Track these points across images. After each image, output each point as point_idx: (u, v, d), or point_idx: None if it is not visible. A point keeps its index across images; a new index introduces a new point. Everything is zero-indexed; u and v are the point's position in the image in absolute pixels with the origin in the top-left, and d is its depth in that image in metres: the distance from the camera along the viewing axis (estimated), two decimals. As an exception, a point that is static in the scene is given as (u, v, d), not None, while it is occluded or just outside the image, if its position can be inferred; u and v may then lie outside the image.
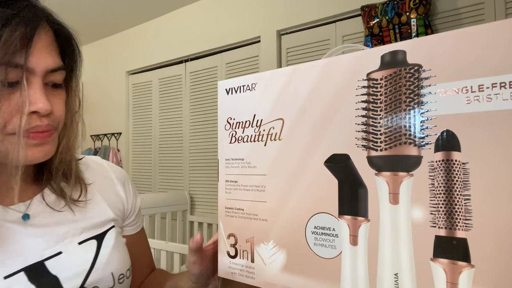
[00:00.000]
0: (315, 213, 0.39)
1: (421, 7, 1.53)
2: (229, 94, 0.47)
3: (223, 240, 0.47)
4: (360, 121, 0.36)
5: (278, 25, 2.11)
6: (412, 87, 0.33)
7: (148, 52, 2.83)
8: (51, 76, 0.45)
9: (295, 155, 0.40)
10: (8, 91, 0.41)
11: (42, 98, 0.42)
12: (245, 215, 0.45)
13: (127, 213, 0.60)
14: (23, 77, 0.41)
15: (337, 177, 0.37)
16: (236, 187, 0.46)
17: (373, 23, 1.64)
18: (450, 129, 0.31)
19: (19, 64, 0.40)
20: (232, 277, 0.46)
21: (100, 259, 0.51)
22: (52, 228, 0.49)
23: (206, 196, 2.46)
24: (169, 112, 2.70)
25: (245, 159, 0.45)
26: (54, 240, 0.48)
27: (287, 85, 0.41)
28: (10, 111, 0.41)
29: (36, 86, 0.42)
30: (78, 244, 0.50)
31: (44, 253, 0.47)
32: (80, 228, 0.51)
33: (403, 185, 0.33)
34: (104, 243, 0.53)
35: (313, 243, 0.39)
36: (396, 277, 0.33)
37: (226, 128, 0.47)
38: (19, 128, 0.41)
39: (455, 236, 0.30)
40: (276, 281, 0.41)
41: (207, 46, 2.45)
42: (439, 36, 0.32)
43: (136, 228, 0.63)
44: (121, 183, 0.61)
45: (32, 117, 0.42)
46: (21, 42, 0.40)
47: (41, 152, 0.45)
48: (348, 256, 0.36)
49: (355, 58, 0.36)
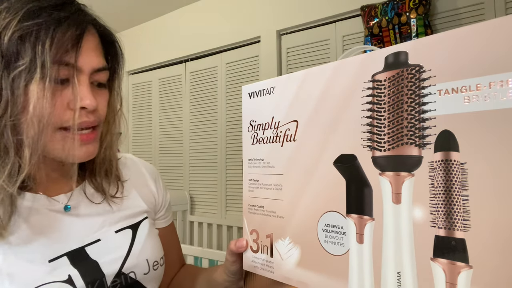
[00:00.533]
0: (326, 211, 0.40)
1: (421, 7, 1.52)
2: (251, 98, 0.50)
3: (247, 235, 0.50)
4: (365, 122, 0.36)
5: (278, 25, 2.10)
6: (413, 88, 0.33)
7: (148, 52, 2.83)
8: (96, 76, 0.49)
9: (308, 155, 0.42)
10: (60, 88, 0.45)
11: (90, 95, 0.46)
12: (265, 212, 0.47)
13: (158, 206, 0.64)
14: (74, 75, 0.45)
15: (345, 176, 0.38)
16: (257, 185, 0.49)
17: (373, 23, 1.64)
18: (449, 129, 0.31)
19: (70, 63, 0.44)
20: (255, 271, 0.49)
21: (135, 246, 0.54)
22: (91, 218, 0.53)
23: (206, 196, 2.45)
24: (169, 112, 2.70)
25: (265, 159, 0.47)
26: (93, 228, 0.52)
27: (300, 88, 0.43)
28: (62, 106, 0.45)
29: (84, 84, 0.46)
30: (115, 232, 0.54)
31: (84, 240, 0.51)
32: (117, 218, 0.55)
33: (405, 185, 0.33)
34: (139, 232, 0.56)
35: (324, 240, 0.40)
36: (399, 275, 0.33)
37: (249, 130, 0.50)
38: (74, 121, 0.45)
39: (454, 236, 0.30)
40: (292, 275, 0.43)
41: (207, 46, 2.44)
42: (439, 36, 0.32)
43: (167, 221, 0.67)
44: (153, 178, 0.65)
45: (81, 112, 0.46)
46: (72, 43, 0.44)
47: (86, 153, 0.49)
48: (355, 254, 0.37)
49: (362, 60, 0.37)
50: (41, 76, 0.42)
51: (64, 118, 0.45)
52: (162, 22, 2.76)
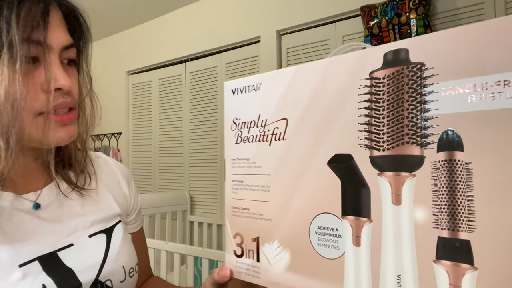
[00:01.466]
0: (319, 213, 0.38)
1: (421, 8, 1.53)
2: (235, 94, 0.47)
3: (229, 240, 0.47)
4: (362, 121, 0.35)
5: (278, 25, 2.10)
6: (414, 86, 0.32)
7: (148, 52, 2.83)
8: (65, 54, 0.45)
9: (298, 155, 0.40)
10: (31, 68, 0.41)
11: (64, 74, 0.43)
12: (250, 214, 0.45)
13: (130, 209, 0.61)
14: (45, 54, 0.42)
15: (340, 177, 0.37)
16: (242, 187, 0.46)
17: (373, 23, 1.64)
18: (453, 129, 0.30)
19: (39, 40, 0.41)
20: (239, 276, 0.46)
21: (111, 252, 0.51)
22: (62, 220, 0.49)
23: (206, 196, 2.45)
24: (169, 112, 2.70)
25: (251, 159, 0.45)
26: (65, 232, 0.48)
27: (290, 85, 0.41)
28: (35, 89, 0.41)
29: (55, 63, 0.43)
30: (89, 237, 0.50)
31: (57, 244, 0.47)
32: (90, 221, 0.51)
33: (406, 185, 0.33)
34: (113, 237, 0.53)
35: (317, 243, 0.39)
36: (399, 278, 0.33)
37: (232, 128, 0.47)
38: (49, 103, 0.41)
39: (458, 237, 0.30)
40: (281, 280, 0.41)
41: (207, 46, 2.44)
42: (442, 34, 0.31)
43: (137, 226, 0.64)
44: (126, 179, 0.61)
45: (56, 94, 0.43)
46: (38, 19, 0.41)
47: (67, 134, 0.45)
48: (351, 257, 0.36)
49: (358, 57, 0.36)
50: (9, 57, 0.38)
51: (39, 102, 0.41)
52: (162, 22, 2.74)
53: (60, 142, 0.45)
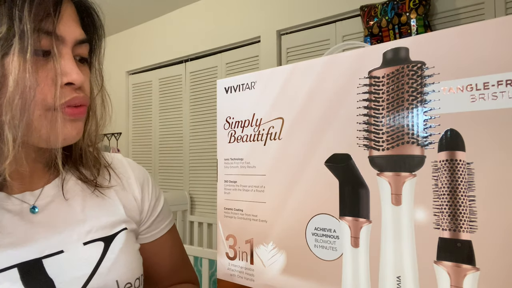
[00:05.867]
0: (316, 214, 0.38)
1: (421, 8, 1.52)
2: (228, 93, 0.46)
3: (222, 241, 0.46)
4: (361, 120, 0.35)
5: (278, 25, 2.10)
6: (415, 85, 0.32)
7: (148, 52, 2.83)
8: (78, 49, 0.44)
9: (295, 155, 0.39)
10: (42, 61, 0.40)
11: (76, 69, 0.41)
12: (244, 216, 0.44)
13: (144, 216, 0.56)
14: (57, 46, 0.40)
15: (338, 177, 0.36)
16: (235, 187, 0.45)
17: (373, 23, 1.63)
18: (454, 128, 0.30)
19: (49, 31, 0.39)
20: (231, 279, 0.45)
21: (105, 263, 0.46)
22: (57, 224, 0.45)
23: (206, 196, 2.45)
24: (169, 112, 2.70)
25: (245, 159, 0.44)
26: (57, 237, 0.44)
27: (287, 83, 0.40)
28: (46, 82, 0.40)
29: (68, 57, 0.42)
30: (83, 244, 0.46)
31: (44, 250, 0.43)
32: (88, 227, 0.47)
33: (406, 185, 0.32)
34: (112, 246, 0.48)
35: (314, 245, 0.38)
36: (399, 280, 0.32)
37: (225, 128, 0.46)
38: (56, 97, 0.40)
39: (459, 238, 0.29)
40: (276, 283, 0.40)
41: (207, 46, 2.44)
42: (443, 33, 0.31)
43: (156, 234, 0.58)
44: (139, 183, 0.56)
45: (67, 89, 0.41)
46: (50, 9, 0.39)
47: (75, 129, 0.43)
48: (349, 258, 0.35)
49: (356, 56, 0.35)
50: (20, 46, 0.37)
51: (49, 96, 0.40)
52: (162, 22, 2.75)
53: (67, 138, 0.43)
